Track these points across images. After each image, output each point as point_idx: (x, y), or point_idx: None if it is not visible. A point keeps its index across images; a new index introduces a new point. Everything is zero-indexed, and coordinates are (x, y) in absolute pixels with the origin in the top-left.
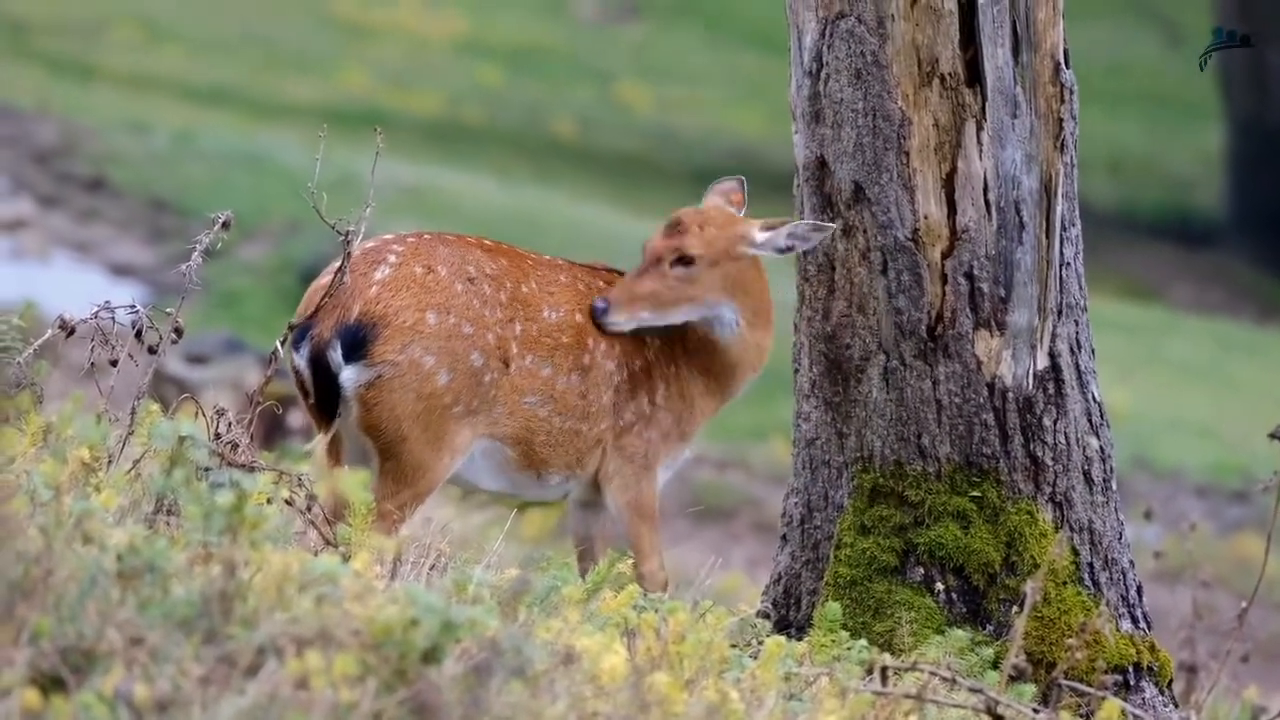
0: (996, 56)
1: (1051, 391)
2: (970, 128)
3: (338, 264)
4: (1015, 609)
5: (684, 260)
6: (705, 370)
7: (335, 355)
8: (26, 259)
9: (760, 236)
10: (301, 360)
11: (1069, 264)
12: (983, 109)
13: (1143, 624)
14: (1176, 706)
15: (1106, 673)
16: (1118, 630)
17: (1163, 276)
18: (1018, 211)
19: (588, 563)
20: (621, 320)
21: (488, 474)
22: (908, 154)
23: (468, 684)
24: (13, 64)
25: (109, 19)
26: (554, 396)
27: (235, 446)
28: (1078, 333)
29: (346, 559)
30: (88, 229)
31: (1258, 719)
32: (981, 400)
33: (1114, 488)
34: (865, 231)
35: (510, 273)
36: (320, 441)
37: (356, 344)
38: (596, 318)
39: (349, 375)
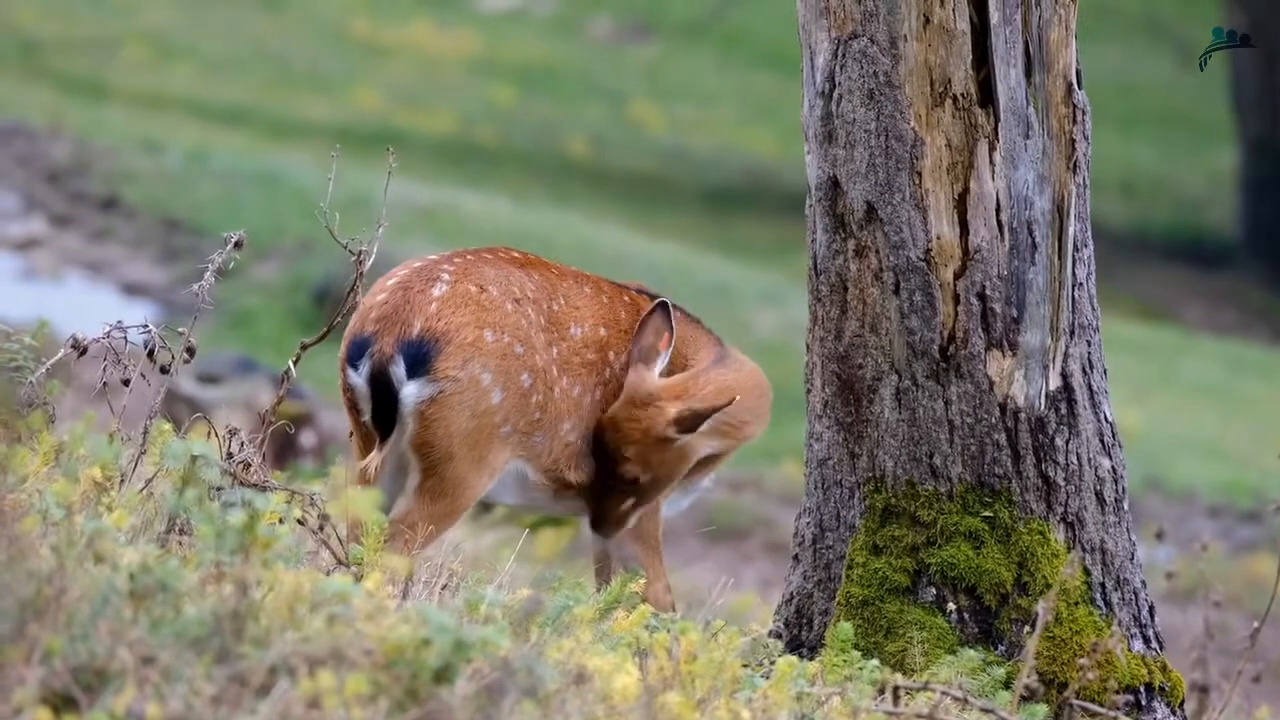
0: (1009, 77)
1: (1064, 412)
2: (983, 148)
3: (389, 281)
4: (1027, 629)
5: (632, 481)
6: None
7: (398, 371)
8: (39, 278)
9: (683, 437)
10: (359, 378)
11: (1081, 284)
12: (995, 129)
13: (1155, 644)
14: None
15: (1118, 693)
16: (1130, 650)
17: (1175, 297)
18: (1030, 232)
19: (605, 579)
20: (622, 530)
21: (509, 490)
22: (920, 174)
23: (479, 704)
24: (25, 83)
25: (121, 37)
26: (582, 417)
27: (247, 466)
28: (1090, 353)
29: (359, 578)
30: (100, 248)
31: None
32: (993, 420)
33: (1126, 508)
34: (878, 252)
35: (545, 290)
36: (374, 459)
37: (420, 360)
38: (598, 533)
39: (411, 391)
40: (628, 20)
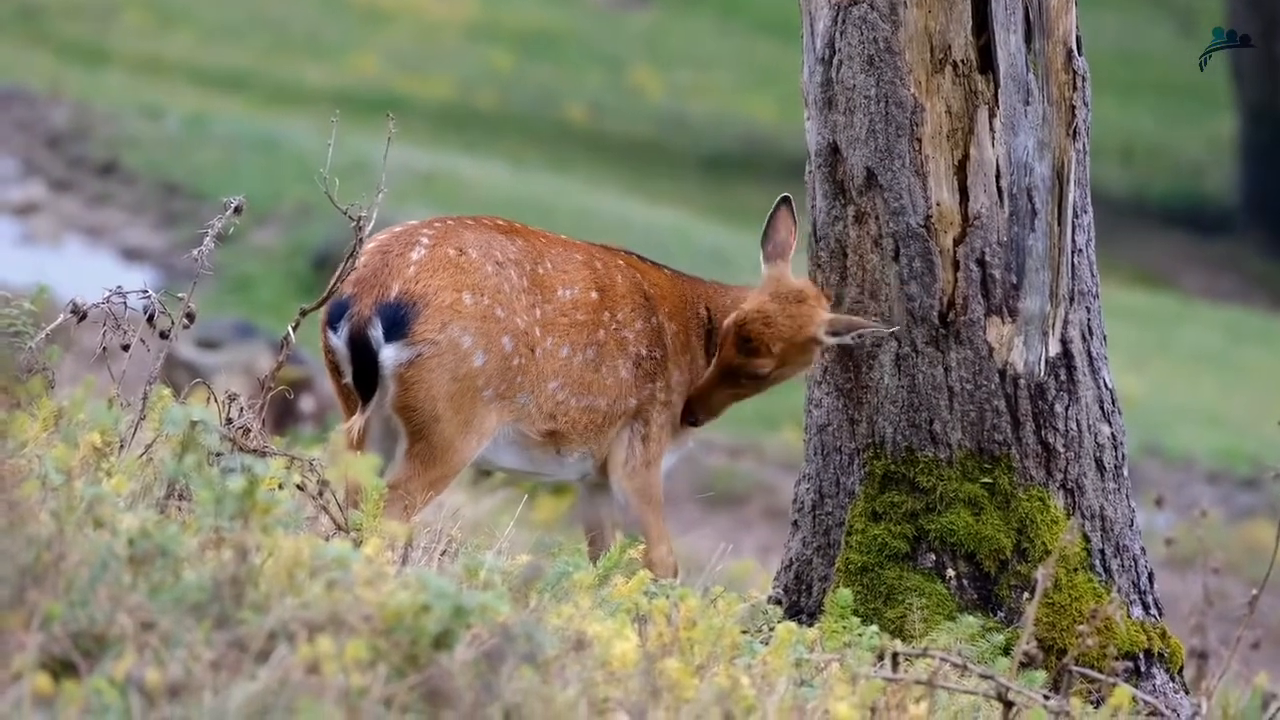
0: (1009, 43)
1: (1063, 378)
2: (983, 114)
3: (370, 245)
4: (1026, 595)
5: (757, 376)
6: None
7: (376, 333)
8: (38, 243)
9: (830, 340)
10: (339, 340)
11: (1080, 251)
12: (995, 96)
13: (1154, 611)
14: (1187, 693)
15: (1117, 659)
16: (1129, 617)
17: (1174, 264)
18: (1030, 198)
19: (598, 549)
20: (711, 422)
21: (509, 453)
22: (920, 140)
23: (479, 670)
24: (25, 48)
25: (121, 3)
26: (572, 377)
27: (247, 431)
28: (1089, 319)
29: (358, 544)
30: (99, 213)
31: (1268, 705)
32: (993, 387)
33: (1125, 474)
34: (877, 218)
35: (528, 254)
36: (357, 421)
37: (397, 323)
38: (686, 422)
39: (389, 354)
40: None
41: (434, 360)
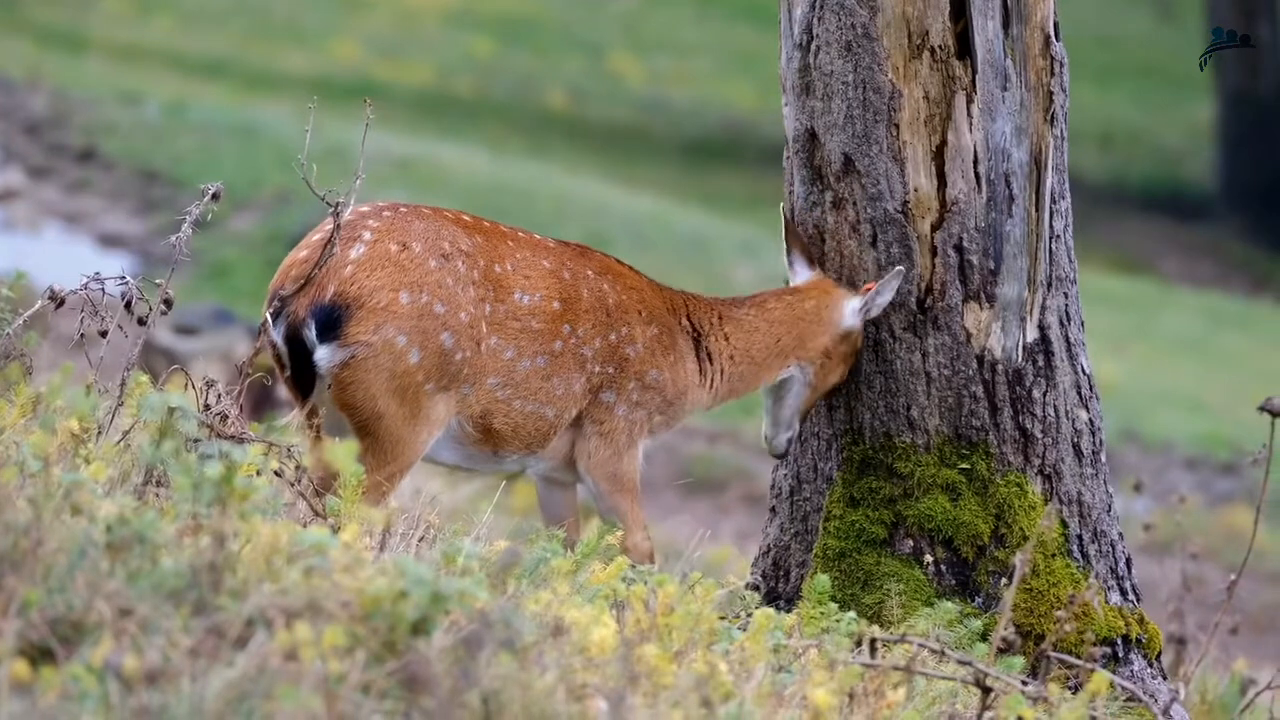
0: (987, 29)
1: (1041, 364)
2: (960, 100)
3: (314, 237)
4: (1004, 581)
5: None
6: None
7: (309, 334)
8: (16, 230)
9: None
10: (278, 336)
11: (1059, 236)
12: (973, 82)
13: (1132, 596)
14: (1165, 679)
15: (1095, 645)
16: (1106, 602)
17: (1153, 249)
18: (1007, 184)
19: (573, 537)
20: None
21: (444, 447)
22: (898, 126)
23: (457, 656)
24: (3, 34)
25: None
26: (515, 380)
27: (224, 418)
28: (1067, 305)
29: (335, 531)
30: (78, 200)
31: (1246, 691)
32: (971, 373)
33: (1103, 460)
34: (855, 204)
35: (485, 250)
36: (297, 416)
37: (330, 324)
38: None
39: (323, 355)
40: None
41: (369, 361)
